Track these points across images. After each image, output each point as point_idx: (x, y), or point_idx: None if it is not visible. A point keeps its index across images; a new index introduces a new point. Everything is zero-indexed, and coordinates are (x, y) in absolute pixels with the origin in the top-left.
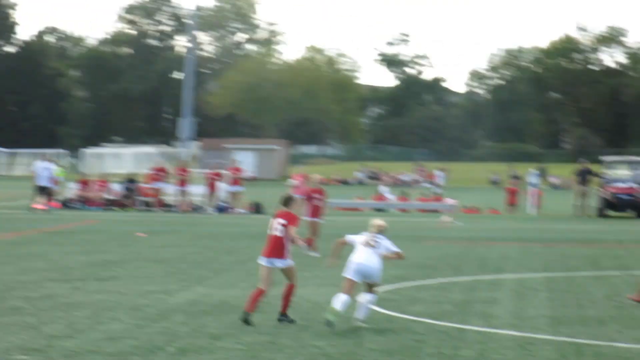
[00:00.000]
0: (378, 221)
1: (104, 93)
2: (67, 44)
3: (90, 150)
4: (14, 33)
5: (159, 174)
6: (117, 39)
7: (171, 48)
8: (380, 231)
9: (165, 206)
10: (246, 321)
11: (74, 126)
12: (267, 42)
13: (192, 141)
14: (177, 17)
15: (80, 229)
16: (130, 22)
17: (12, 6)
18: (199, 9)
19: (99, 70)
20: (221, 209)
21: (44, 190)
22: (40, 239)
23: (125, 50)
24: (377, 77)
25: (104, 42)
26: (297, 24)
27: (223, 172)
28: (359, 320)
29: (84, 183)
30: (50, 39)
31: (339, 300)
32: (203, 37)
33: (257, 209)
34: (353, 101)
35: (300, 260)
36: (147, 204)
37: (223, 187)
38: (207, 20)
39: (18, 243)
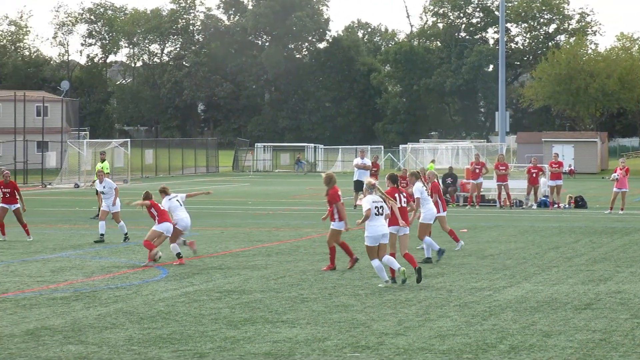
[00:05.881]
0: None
1: (416, 88)
2: (376, 38)
3: (408, 146)
4: (329, 30)
5: (478, 169)
6: (427, 33)
7: (482, 40)
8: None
9: (485, 201)
10: None
11: (389, 121)
12: (579, 32)
13: (508, 135)
14: (485, 9)
15: None
16: (437, 15)
17: (325, 2)
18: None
19: (410, 65)
20: (542, 204)
21: (360, 186)
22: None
23: (436, 43)
24: None
25: (413, 35)
26: (606, 10)
27: (543, 165)
28: None
29: (403, 179)
30: (359, 33)
31: None
32: (513, 29)
33: (579, 203)
34: None
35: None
36: (467, 199)
37: (543, 182)
38: (517, 11)
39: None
